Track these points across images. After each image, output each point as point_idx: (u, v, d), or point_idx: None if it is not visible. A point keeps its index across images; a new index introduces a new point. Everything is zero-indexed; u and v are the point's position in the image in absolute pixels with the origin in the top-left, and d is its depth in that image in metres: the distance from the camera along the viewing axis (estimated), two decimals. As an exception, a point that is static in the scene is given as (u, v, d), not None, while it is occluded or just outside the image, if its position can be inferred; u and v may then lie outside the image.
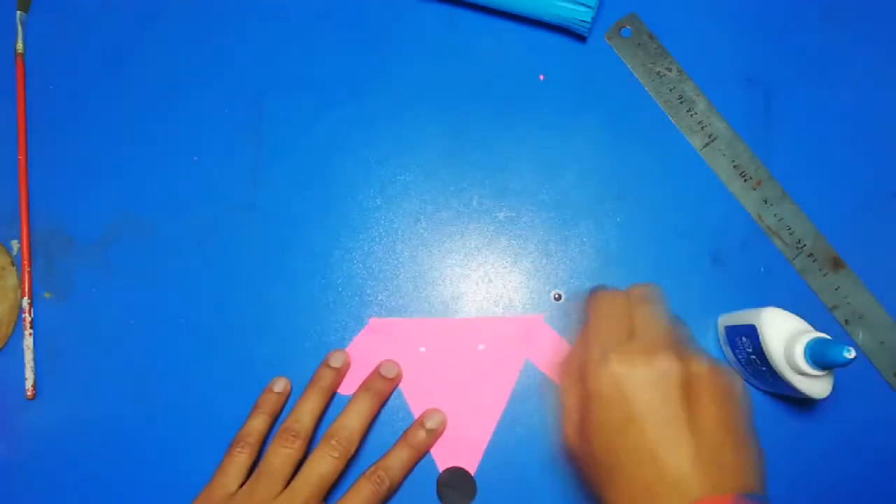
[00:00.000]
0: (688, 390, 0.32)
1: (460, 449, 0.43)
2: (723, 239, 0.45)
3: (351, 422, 0.40)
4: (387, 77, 0.48)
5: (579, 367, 0.35)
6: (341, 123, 0.47)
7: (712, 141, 0.46)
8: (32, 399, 0.44)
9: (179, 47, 0.48)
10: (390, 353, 0.44)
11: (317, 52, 0.48)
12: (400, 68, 0.48)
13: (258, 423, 0.41)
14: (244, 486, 0.39)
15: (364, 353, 0.44)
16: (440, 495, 0.42)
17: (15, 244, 0.46)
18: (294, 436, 0.39)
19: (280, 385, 0.43)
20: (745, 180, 0.46)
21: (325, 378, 0.42)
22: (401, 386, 0.44)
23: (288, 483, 0.39)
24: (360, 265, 0.45)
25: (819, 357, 0.35)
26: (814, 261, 0.45)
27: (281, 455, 0.39)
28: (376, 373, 0.43)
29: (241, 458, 0.40)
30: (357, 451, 0.40)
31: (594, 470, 0.34)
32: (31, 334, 0.44)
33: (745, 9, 0.48)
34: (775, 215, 0.45)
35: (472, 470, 0.42)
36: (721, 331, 0.43)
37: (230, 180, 0.46)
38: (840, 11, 0.48)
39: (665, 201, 0.46)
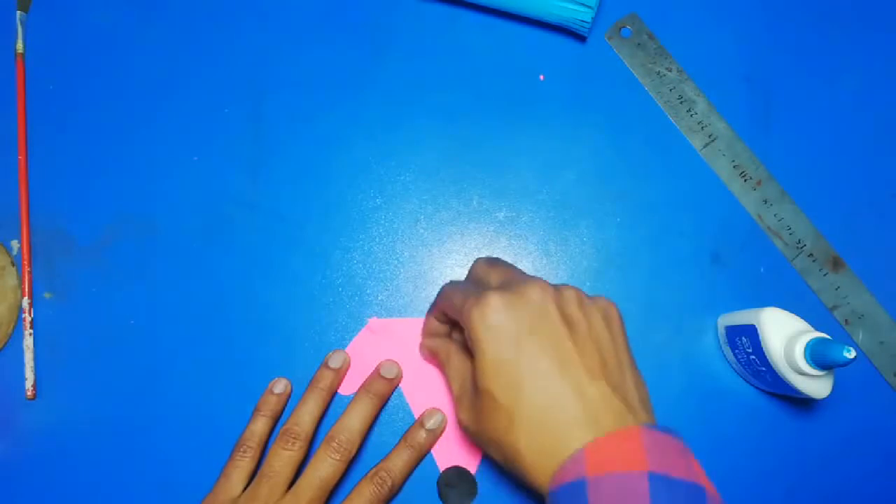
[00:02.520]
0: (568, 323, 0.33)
1: (461, 448, 0.43)
2: (723, 239, 0.45)
3: (351, 423, 0.40)
4: (387, 77, 0.48)
5: (460, 316, 0.34)
6: (341, 123, 0.47)
7: (712, 141, 0.46)
8: (32, 399, 0.44)
9: (179, 47, 0.48)
10: (390, 353, 0.44)
11: (317, 52, 0.48)
12: (400, 68, 0.48)
13: (259, 427, 0.41)
14: (246, 490, 0.39)
15: (363, 353, 0.44)
16: (441, 495, 0.42)
17: (15, 244, 0.46)
18: (294, 438, 0.39)
19: (280, 386, 0.43)
20: (745, 180, 0.46)
21: (325, 379, 0.42)
22: (401, 386, 0.44)
23: (290, 486, 0.39)
24: (360, 265, 0.45)
25: (819, 357, 0.35)
26: (814, 261, 0.45)
27: (282, 458, 0.39)
28: (376, 374, 0.43)
29: (243, 463, 0.40)
30: (358, 452, 0.40)
31: (495, 420, 0.32)
32: (31, 334, 0.44)
33: (745, 9, 0.48)
34: (775, 215, 0.45)
35: (472, 469, 0.42)
36: (721, 331, 0.43)
37: (230, 180, 0.46)
38: (840, 11, 0.48)
39: (665, 201, 0.46)
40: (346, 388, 0.43)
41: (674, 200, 0.46)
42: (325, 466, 0.39)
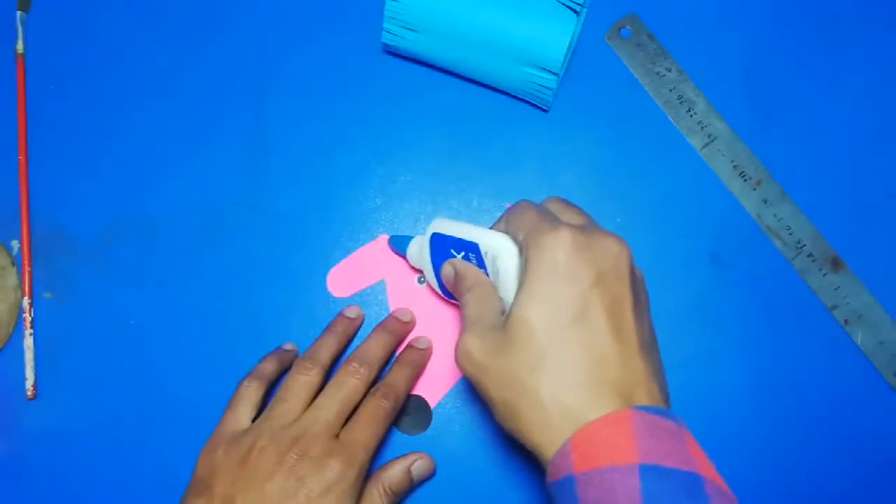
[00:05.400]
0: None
1: (428, 380, 0.43)
2: (723, 239, 0.45)
3: (371, 349, 0.40)
4: (387, 76, 0.48)
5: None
6: (341, 123, 0.47)
7: (712, 141, 0.46)
8: (32, 399, 0.44)
9: (180, 47, 0.48)
10: (393, 271, 0.45)
11: (317, 52, 0.48)
12: (400, 68, 0.48)
13: (269, 365, 0.41)
14: (261, 415, 0.38)
15: (367, 263, 0.45)
16: (395, 418, 0.43)
17: (15, 244, 0.46)
18: (312, 364, 0.39)
19: (290, 345, 0.43)
20: (745, 180, 0.46)
21: (341, 325, 0.42)
22: (391, 305, 0.45)
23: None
24: (360, 265, 0.45)
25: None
26: (813, 261, 0.45)
27: (298, 382, 0.38)
28: (392, 316, 0.43)
29: (249, 392, 0.39)
30: (376, 379, 0.40)
31: (519, 353, 0.30)
32: (31, 334, 0.44)
33: (745, 9, 0.48)
34: (775, 215, 0.45)
35: (432, 403, 0.43)
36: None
37: (230, 180, 0.46)
38: (840, 11, 0.48)
39: (665, 201, 0.46)
40: (343, 291, 0.45)
41: (673, 200, 0.46)
42: (345, 385, 0.38)
